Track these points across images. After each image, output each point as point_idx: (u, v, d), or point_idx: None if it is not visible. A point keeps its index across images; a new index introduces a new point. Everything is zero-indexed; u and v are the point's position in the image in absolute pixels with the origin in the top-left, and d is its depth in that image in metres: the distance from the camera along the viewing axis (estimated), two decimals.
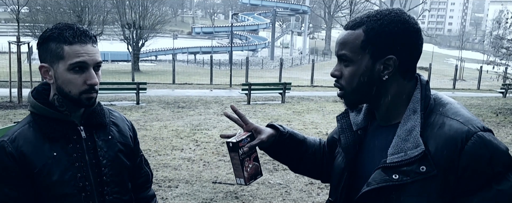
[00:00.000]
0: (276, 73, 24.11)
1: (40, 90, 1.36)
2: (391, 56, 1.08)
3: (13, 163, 1.26)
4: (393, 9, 1.11)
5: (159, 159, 6.67)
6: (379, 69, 1.09)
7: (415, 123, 1.07)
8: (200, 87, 18.47)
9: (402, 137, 1.08)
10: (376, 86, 1.12)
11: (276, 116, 11.11)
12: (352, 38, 1.11)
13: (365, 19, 1.11)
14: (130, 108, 11.70)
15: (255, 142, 1.30)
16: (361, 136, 1.22)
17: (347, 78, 1.13)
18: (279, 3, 48.82)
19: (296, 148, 1.40)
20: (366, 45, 1.09)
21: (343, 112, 1.28)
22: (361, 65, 1.10)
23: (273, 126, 1.38)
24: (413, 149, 1.04)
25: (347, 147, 1.22)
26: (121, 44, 31.87)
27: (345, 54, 1.12)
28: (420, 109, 1.09)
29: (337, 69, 1.16)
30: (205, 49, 41.56)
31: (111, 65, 31.63)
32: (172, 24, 63.29)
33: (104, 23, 30.06)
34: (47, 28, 1.30)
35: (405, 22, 1.08)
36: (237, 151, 1.26)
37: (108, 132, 1.43)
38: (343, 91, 1.16)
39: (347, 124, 1.25)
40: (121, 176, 1.44)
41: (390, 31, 1.07)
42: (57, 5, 28.71)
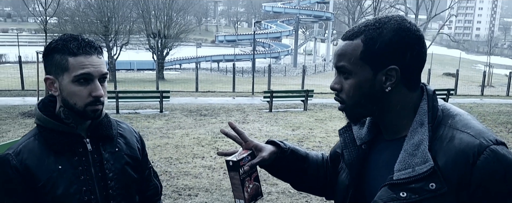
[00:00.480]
0: (298, 81, 24.02)
1: (46, 103, 1.34)
2: (393, 67, 1.02)
3: (17, 176, 1.24)
4: (393, 16, 1.05)
5: (180, 167, 6.70)
6: (381, 81, 1.03)
7: (423, 136, 1.01)
8: (222, 95, 18.55)
9: (409, 152, 1.01)
10: (379, 99, 1.06)
11: (297, 124, 11.03)
12: (350, 49, 1.05)
13: (363, 28, 1.05)
14: (154, 116, 11.84)
15: (256, 160, 1.23)
16: (365, 150, 1.16)
17: (347, 91, 1.07)
18: (302, 10, 48.76)
19: (298, 165, 1.32)
20: (366, 56, 1.03)
21: (346, 125, 1.22)
22: (362, 77, 1.04)
23: (274, 142, 1.31)
24: (421, 165, 0.98)
25: (351, 162, 1.16)
26: (147, 53, 32.44)
27: (344, 66, 1.06)
28: (427, 121, 1.03)
29: (336, 82, 1.10)
30: (228, 57, 41.85)
31: (136, 74, 32.23)
32: (196, 33, 64.06)
33: (130, 32, 30.66)
34: (52, 40, 1.29)
35: (406, 30, 1.02)
36: (237, 170, 1.19)
37: (115, 144, 1.40)
38: (344, 105, 1.10)
39: (350, 138, 1.19)
40: (128, 189, 1.41)
41: (390, 40, 1.01)
42: (84, 16, 29.48)
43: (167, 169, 6.53)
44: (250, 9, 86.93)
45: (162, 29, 31.26)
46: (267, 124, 10.95)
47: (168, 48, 31.70)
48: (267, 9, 52.10)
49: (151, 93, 13.88)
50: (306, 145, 8.50)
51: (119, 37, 29.32)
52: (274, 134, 9.61)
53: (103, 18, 28.69)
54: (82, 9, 30.18)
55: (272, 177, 1.36)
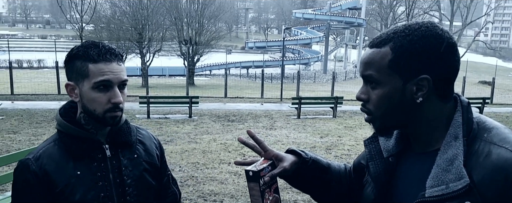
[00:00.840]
0: (328, 87, 23.82)
1: (68, 108, 1.36)
2: (424, 76, 0.95)
3: (36, 181, 1.26)
4: (424, 23, 0.99)
5: (206, 172, 6.76)
6: (411, 91, 0.97)
7: (458, 151, 0.94)
8: (251, 101, 18.61)
9: (442, 167, 0.94)
10: (409, 110, 0.99)
11: (326, 131, 10.93)
12: (378, 57, 0.99)
13: (392, 35, 0.98)
14: (183, 121, 12.01)
15: (277, 170, 1.17)
16: (393, 163, 1.08)
17: (375, 102, 1.01)
18: (333, 16, 48.44)
19: (319, 176, 1.25)
20: (395, 64, 0.97)
21: (372, 136, 1.15)
22: (390, 87, 0.98)
23: (294, 152, 1.24)
24: (455, 181, 0.91)
25: (377, 176, 1.09)
26: (179, 59, 33.00)
27: (371, 75, 1.00)
28: (462, 134, 0.96)
29: (363, 92, 1.04)
30: (257, 64, 42.01)
31: (168, 79, 32.81)
32: (226, 39, 64.69)
33: (163, 39, 31.28)
34: (74, 47, 1.31)
35: (438, 37, 0.96)
36: (257, 180, 1.13)
37: (134, 150, 1.40)
38: (371, 117, 1.04)
39: (377, 149, 1.12)
40: (146, 196, 1.41)
41: (421, 47, 0.95)
42: (120, 23, 30.31)
43: (193, 174, 6.60)
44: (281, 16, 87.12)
45: (194, 36, 31.76)
46: (294, 130, 10.91)
47: (198, 55, 32.16)
48: (297, 15, 52.06)
49: (180, 99, 14.09)
50: (334, 153, 8.41)
51: (152, 44, 29.98)
52: (301, 140, 9.55)
53: (137, 25, 29.42)
54: (118, 16, 31.07)
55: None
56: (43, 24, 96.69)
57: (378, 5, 49.85)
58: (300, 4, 78.25)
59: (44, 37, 67.78)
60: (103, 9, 34.06)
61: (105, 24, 30.56)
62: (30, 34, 74.08)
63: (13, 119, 11.47)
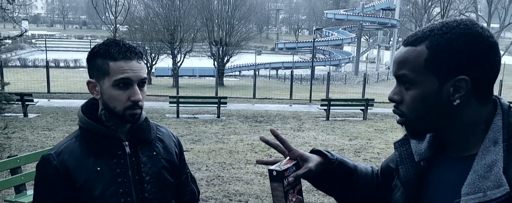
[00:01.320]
0: (359, 89, 23.49)
1: (89, 105, 1.40)
2: (463, 77, 0.90)
3: (57, 176, 1.30)
4: (462, 20, 0.93)
5: (232, 172, 6.79)
6: (448, 93, 0.92)
7: (497, 156, 0.88)
8: (279, 102, 18.58)
9: (480, 174, 0.89)
10: (445, 113, 0.94)
11: (355, 133, 10.78)
12: (413, 56, 0.94)
13: (428, 33, 0.93)
14: (211, 121, 12.12)
15: (302, 171, 1.12)
16: (424, 168, 1.03)
17: (409, 103, 0.96)
18: (366, 17, 47.70)
19: (345, 178, 1.20)
20: (431, 64, 0.92)
21: (403, 138, 1.09)
22: (426, 88, 0.93)
23: (320, 152, 1.19)
24: (494, 189, 0.86)
25: (408, 180, 1.04)
26: (209, 60, 33.34)
27: (405, 75, 0.95)
28: (502, 139, 0.90)
29: (396, 93, 0.98)
30: (287, 65, 41.86)
31: (198, 80, 33.19)
32: (256, 40, 64.83)
33: (194, 40, 31.67)
34: (95, 44, 1.34)
35: (478, 36, 0.90)
36: (281, 181, 1.09)
37: (153, 148, 1.43)
38: (404, 119, 0.99)
39: (408, 152, 1.06)
40: (164, 193, 1.43)
41: (459, 46, 0.89)
42: (153, 24, 30.90)
43: (220, 174, 6.64)
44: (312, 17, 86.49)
45: (224, 37, 31.99)
46: (323, 132, 10.81)
47: (228, 56, 32.38)
48: (329, 16, 51.52)
49: (209, 99, 14.23)
50: (363, 156, 8.28)
51: (183, 45, 30.41)
52: (329, 143, 9.46)
53: (169, 26, 29.91)
54: (151, 18, 31.68)
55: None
56: (79, 25, 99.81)
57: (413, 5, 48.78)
58: (332, 5, 77.48)
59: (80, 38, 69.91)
60: (137, 11, 34.85)
61: (139, 25, 31.23)
62: (67, 34, 76.61)
63: (48, 117, 11.89)
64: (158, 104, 16.15)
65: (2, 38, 7.52)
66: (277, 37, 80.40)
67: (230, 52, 32.38)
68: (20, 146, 8.15)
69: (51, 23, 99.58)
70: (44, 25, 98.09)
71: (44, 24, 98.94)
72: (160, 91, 21.34)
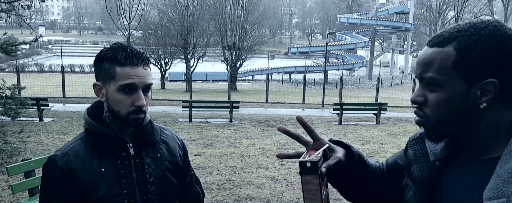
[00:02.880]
0: (373, 93, 23.33)
1: (95, 108, 1.43)
2: (491, 80, 0.87)
3: (62, 177, 1.33)
4: (490, 21, 0.91)
5: (243, 176, 6.80)
6: (475, 96, 0.89)
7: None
8: (292, 106, 18.56)
9: (504, 178, 0.85)
10: (470, 116, 0.92)
11: (368, 138, 10.70)
12: (440, 58, 0.91)
13: (456, 34, 0.90)
14: (223, 125, 12.16)
15: (333, 161, 1.04)
16: (440, 168, 1.00)
17: (433, 106, 0.93)
18: (380, 21, 47.42)
19: (360, 172, 1.15)
20: (459, 66, 0.89)
21: (418, 137, 1.07)
22: (453, 90, 0.90)
23: (342, 143, 1.13)
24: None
25: (422, 180, 1.01)
26: (222, 64, 33.49)
27: (431, 77, 0.92)
28: None
29: (419, 95, 0.95)
30: (300, 69, 41.79)
31: (211, 84, 33.34)
32: (270, 45, 64.93)
33: (207, 45, 31.85)
34: (103, 48, 1.37)
35: (507, 38, 0.88)
36: (316, 172, 0.97)
37: (157, 150, 1.45)
38: (425, 121, 0.96)
39: (423, 151, 1.03)
40: (168, 194, 1.45)
41: (489, 48, 0.87)
42: (166, 30, 31.16)
43: (231, 178, 6.66)
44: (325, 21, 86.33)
45: (237, 42, 32.12)
46: (335, 136, 10.75)
47: (241, 60, 32.48)
48: (342, 20, 51.36)
49: (221, 103, 14.28)
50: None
51: (196, 49, 30.61)
52: None
53: (183, 31, 30.14)
54: (165, 23, 31.98)
55: None
56: (95, 30, 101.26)
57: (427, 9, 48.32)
58: (345, 9, 77.26)
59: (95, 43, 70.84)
60: (151, 16, 35.21)
61: (153, 31, 31.55)
62: (82, 40, 77.77)
63: (63, 121, 12.07)
64: (171, 108, 16.27)
65: (17, 43, 7.67)
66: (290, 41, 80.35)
67: (243, 56, 32.47)
68: (35, 149, 8.28)
69: (67, 29, 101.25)
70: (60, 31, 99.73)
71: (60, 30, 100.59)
72: (173, 96, 21.51)
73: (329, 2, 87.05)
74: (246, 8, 33.00)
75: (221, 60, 33.09)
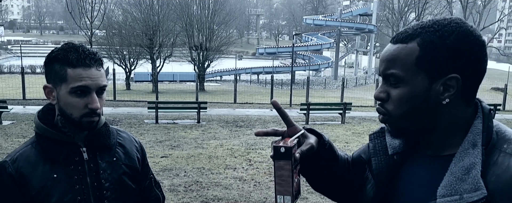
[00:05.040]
0: (338, 93, 23.71)
1: (46, 111, 1.35)
2: (454, 75, 0.88)
3: (13, 184, 1.25)
4: (452, 19, 0.91)
5: (211, 177, 6.75)
6: (437, 91, 0.90)
7: (476, 160, 0.87)
8: (260, 106, 18.61)
9: (457, 176, 0.87)
10: (431, 112, 0.93)
11: (334, 137, 10.86)
12: (403, 54, 0.91)
13: (420, 30, 0.90)
14: (191, 126, 12.04)
15: (305, 147, 1.01)
16: (397, 162, 1.01)
17: (396, 101, 0.93)
18: (344, 23, 48.31)
19: (330, 162, 1.13)
20: (423, 61, 0.89)
21: (378, 131, 1.08)
22: (415, 86, 0.91)
23: (314, 131, 1.10)
24: (471, 192, 0.84)
25: (379, 172, 1.02)
26: (190, 65, 33.19)
27: (394, 73, 0.92)
28: (481, 143, 0.89)
29: (382, 91, 0.96)
30: (267, 69, 41.99)
31: (179, 85, 32.97)
32: (237, 45, 64.89)
33: (174, 45, 31.47)
34: (54, 49, 1.29)
35: (469, 34, 0.88)
36: (289, 158, 0.95)
37: (113, 153, 1.39)
38: (388, 117, 0.96)
39: (382, 145, 1.04)
40: (125, 199, 1.39)
41: (452, 44, 0.88)
42: (131, 29, 30.59)
43: (198, 179, 6.59)
44: (292, 22, 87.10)
45: (204, 42, 31.92)
46: None
47: (209, 61, 32.29)
48: (308, 21, 52.02)
49: (189, 104, 14.14)
50: None
51: (162, 49, 30.18)
52: None
53: (148, 31, 29.68)
54: (129, 22, 31.38)
55: None
56: (57, 30, 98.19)
57: (389, 11, 49.62)
58: (311, 11, 78.26)
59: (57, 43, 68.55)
60: (115, 16, 34.44)
61: (117, 30, 30.88)
62: (43, 40, 75.25)
63: (23, 124, 11.62)
64: (137, 109, 15.97)
65: None
66: (257, 42, 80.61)
67: (211, 57, 32.30)
68: None
69: (28, 29, 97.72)
70: (20, 30, 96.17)
71: (20, 30, 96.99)
72: (139, 97, 21.13)
73: (295, 4, 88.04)
74: (213, 8, 32.86)
75: (188, 60, 32.79)
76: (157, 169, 7.05)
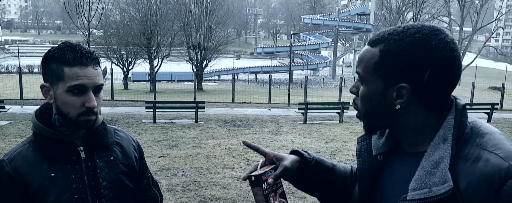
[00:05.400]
0: (336, 93, 23.73)
1: (43, 110, 1.35)
2: (403, 85, 0.92)
3: (10, 183, 1.25)
4: (423, 28, 0.92)
5: (209, 177, 6.75)
6: (391, 97, 0.94)
7: (445, 154, 0.90)
8: (258, 106, 18.61)
9: (427, 170, 0.90)
10: (390, 114, 0.97)
11: (332, 136, 10.86)
12: (367, 57, 0.97)
13: (387, 36, 0.94)
14: (189, 126, 12.03)
15: (279, 170, 1.13)
16: (381, 162, 1.05)
17: (361, 98, 1.00)
18: (342, 22, 48.32)
19: (324, 177, 1.22)
20: (379, 67, 0.94)
21: (366, 133, 1.12)
22: (372, 88, 0.96)
23: (297, 152, 1.21)
24: (439, 185, 0.87)
25: (362, 173, 1.07)
26: (187, 64, 33.15)
27: (359, 72, 0.99)
28: (451, 137, 0.91)
29: (355, 86, 1.02)
30: (265, 69, 41.97)
31: (177, 85, 32.96)
32: (235, 45, 64.84)
33: (172, 45, 31.42)
34: (51, 48, 1.30)
35: (429, 48, 0.89)
36: (260, 185, 1.10)
37: (111, 152, 1.39)
38: (358, 113, 1.03)
39: (367, 147, 1.09)
40: (122, 198, 1.39)
41: (407, 56, 0.90)
42: (128, 29, 30.54)
43: (196, 179, 6.59)
44: (290, 22, 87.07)
45: (202, 42, 31.89)
46: (300, 135, 10.86)
47: (207, 60, 32.27)
48: (306, 21, 52.05)
49: (187, 104, 14.13)
50: (338, 158, 8.35)
51: (160, 49, 30.14)
52: (306, 146, 9.50)
53: (146, 31, 29.62)
54: (127, 22, 31.32)
55: (300, 190, 1.30)
56: (54, 30, 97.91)
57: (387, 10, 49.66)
58: (309, 10, 78.26)
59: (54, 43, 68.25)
60: (113, 15, 34.38)
61: (115, 30, 30.82)
62: (41, 39, 75.06)
63: (21, 123, 11.59)
64: (135, 109, 15.96)
65: None
66: (255, 41, 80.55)
67: (209, 56, 32.28)
68: None
69: (25, 29, 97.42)
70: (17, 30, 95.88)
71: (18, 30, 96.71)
72: (137, 97, 21.11)
73: (293, 3, 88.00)
74: (211, 7, 32.82)
75: (186, 60, 32.75)
76: (155, 168, 7.04)
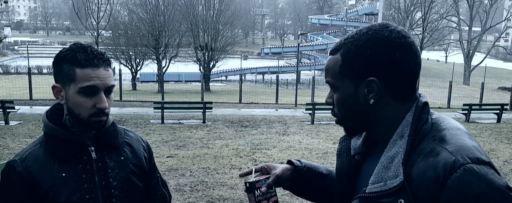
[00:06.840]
0: None
1: (54, 111, 1.38)
2: (371, 78, 0.98)
3: (22, 183, 1.27)
4: (374, 25, 1.02)
5: (217, 177, 6.76)
6: (363, 94, 1.00)
7: (399, 149, 0.96)
8: (265, 106, 18.60)
9: (384, 165, 0.97)
10: (366, 112, 1.02)
11: (338, 136, 10.82)
12: (332, 64, 1.04)
13: (344, 42, 1.03)
14: (196, 126, 12.06)
15: (271, 178, 1.24)
16: (358, 161, 1.12)
17: (336, 105, 1.06)
18: (350, 22, 48.23)
19: (319, 182, 1.31)
20: (345, 69, 1.02)
21: (346, 134, 1.18)
22: (344, 91, 1.03)
23: (290, 162, 1.32)
24: (392, 179, 0.93)
25: (340, 172, 1.14)
26: (195, 65, 33.24)
27: (328, 81, 1.06)
28: (408, 133, 0.97)
29: (330, 97, 1.09)
30: (273, 69, 41.96)
31: (184, 85, 33.04)
32: (242, 45, 64.88)
33: (179, 45, 31.53)
34: (62, 49, 1.32)
35: (383, 39, 0.97)
36: (253, 191, 1.20)
37: (121, 152, 1.41)
38: (337, 120, 1.09)
39: (347, 147, 1.15)
40: (132, 198, 1.41)
41: (366, 51, 0.98)
42: (137, 30, 30.68)
43: (204, 179, 6.61)
44: (297, 22, 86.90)
45: (209, 42, 31.95)
46: (307, 136, 10.84)
47: (214, 61, 32.33)
48: (313, 21, 52.02)
49: (194, 104, 14.17)
50: None
51: (168, 50, 30.25)
52: (314, 146, 9.49)
53: (154, 31, 29.75)
54: (135, 23, 31.48)
55: (295, 197, 1.36)
56: (63, 31, 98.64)
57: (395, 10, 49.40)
58: (316, 10, 78.09)
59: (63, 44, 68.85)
60: (121, 16, 34.57)
61: (123, 31, 30.99)
62: (50, 40, 75.63)
63: (30, 124, 11.70)
64: (143, 109, 16.03)
65: None
66: (263, 42, 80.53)
67: (216, 57, 32.33)
68: (1, 154, 7.99)
69: (34, 30, 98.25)
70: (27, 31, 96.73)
71: (27, 31, 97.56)
72: (145, 97, 21.19)
73: (301, 3, 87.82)
74: (218, 8, 32.87)
75: (193, 60, 32.83)
76: (163, 169, 7.07)
